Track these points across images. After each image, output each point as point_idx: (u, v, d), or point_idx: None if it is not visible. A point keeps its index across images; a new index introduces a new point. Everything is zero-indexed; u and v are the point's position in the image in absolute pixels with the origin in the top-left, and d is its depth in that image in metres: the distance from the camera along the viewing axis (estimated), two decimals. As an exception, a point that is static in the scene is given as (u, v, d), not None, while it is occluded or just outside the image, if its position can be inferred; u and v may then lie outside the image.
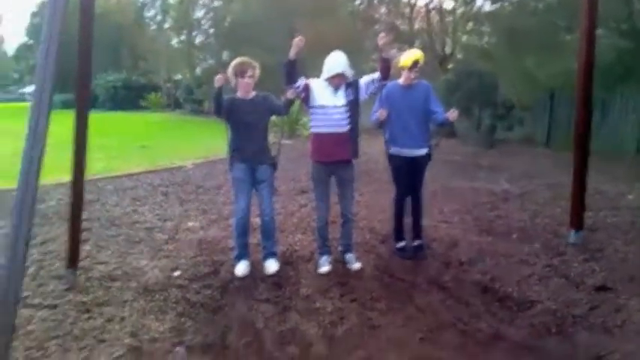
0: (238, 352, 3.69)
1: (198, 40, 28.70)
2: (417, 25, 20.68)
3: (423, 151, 5.48)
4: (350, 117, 5.01)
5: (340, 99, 5.00)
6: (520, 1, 13.98)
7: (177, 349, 3.67)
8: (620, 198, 8.38)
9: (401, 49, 21.26)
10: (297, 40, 4.73)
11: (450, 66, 19.39)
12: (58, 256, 5.27)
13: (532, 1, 13.53)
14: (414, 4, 20.21)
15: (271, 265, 5.13)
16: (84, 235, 5.40)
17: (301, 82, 5.01)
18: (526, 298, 4.59)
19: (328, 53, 5.06)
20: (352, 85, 5.05)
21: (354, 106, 5.04)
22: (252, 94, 5.11)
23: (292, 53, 4.78)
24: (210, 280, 4.93)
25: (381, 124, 5.40)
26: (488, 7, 17.11)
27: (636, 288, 4.75)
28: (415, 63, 5.32)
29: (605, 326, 4.07)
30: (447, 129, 16.56)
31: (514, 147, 15.44)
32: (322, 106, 5.01)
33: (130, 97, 29.42)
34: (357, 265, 5.20)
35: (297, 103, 6.10)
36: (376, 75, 5.08)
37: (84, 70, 4.76)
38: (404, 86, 5.45)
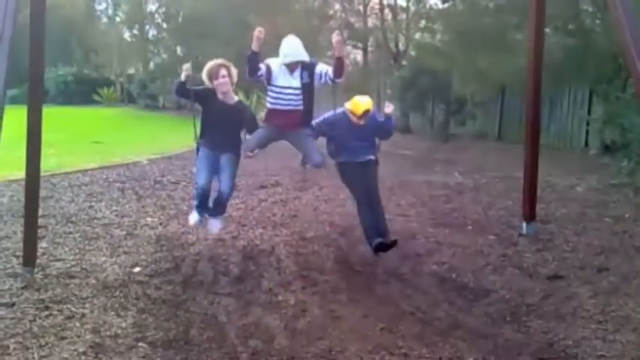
0: (201, 346, 3.70)
1: (151, 34, 28.23)
2: (370, 23, 20.83)
3: (371, 157, 5.58)
4: (304, 99, 5.34)
5: (296, 80, 5.31)
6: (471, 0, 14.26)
7: None
8: (570, 190, 8.68)
9: (355, 47, 21.50)
10: (258, 33, 5.02)
11: (403, 63, 19.64)
12: (13, 254, 5.15)
13: (483, 1, 13.84)
14: (368, 2, 20.35)
15: (215, 224, 5.43)
16: (40, 233, 5.29)
17: (262, 68, 5.24)
18: (482, 287, 4.75)
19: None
20: (308, 69, 5.34)
21: (308, 89, 5.35)
22: (235, 99, 5.38)
23: (255, 45, 5.07)
24: (170, 275, 4.92)
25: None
26: (440, 5, 17.40)
27: (587, 276, 4.97)
28: (365, 113, 5.37)
29: (558, 314, 4.24)
30: (403, 123, 16.81)
31: (467, 141, 15.77)
32: (279, 86, 5.32)
33: (82, 92, 28.65)
34: None
35: (255, 96, 6.56)
36: (330, 71, 5.31)
37: (36, 65, 4.65)
38: (353, 124, 5.50)
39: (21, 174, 5.36)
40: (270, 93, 5.42)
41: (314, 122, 5.56)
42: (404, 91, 16.96)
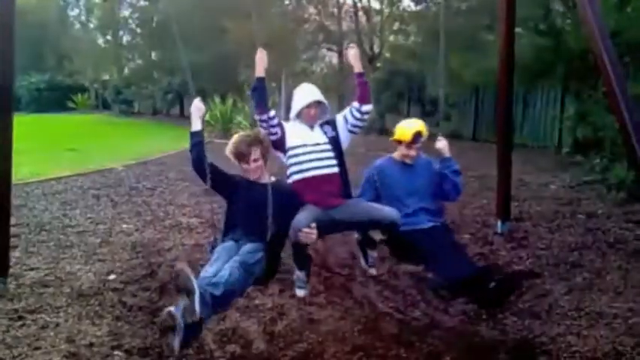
0: (178, 353, 3.68)
1: (125, 39, 28.04)
2: (345, 26, 20.93)
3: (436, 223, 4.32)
4: (336, 157, 4.08)
5: (319, 136, 4.12)
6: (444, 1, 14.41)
7: None
8: (544, 188, 8.79)
9: (330, 49, 21.56)
10: (260, 55, 4.06)
11: (378, 64, 19.76)
12: (-15, 264, 5.07)
13: (455, 2, 13.98)
14: (343, 4, 20.45)
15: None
16: (13, 241, 5.21)
17: (275, 120, 4.06)
18: (458, 286, 4.78)
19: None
20: (328, 123, 4.21)
21: (336, 145, 4.12)
22: (266, 177, 3.99)
23: (259, 70, 4.05)
24: (146, 282, 4.88)
25: None
26: (413, 7, 17.55)
27: (561, 273, 5.03)
28: (417, 136, 4.28)
29: (533, 311, 4.29)
30: (378, 125, 16.90)
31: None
32: (303, 145, 4.05)
33: (55, 99, 28.34)
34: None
35: (230, 101, 6.04)
36: (354, 104, 4.18)
37: (6, 72, 4.58)
38: (401, 163, 4.42)
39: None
40: (292, 159, 4.06)
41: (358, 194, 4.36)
42: (379, 93, 17.05)
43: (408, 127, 4.31)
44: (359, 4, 20.25)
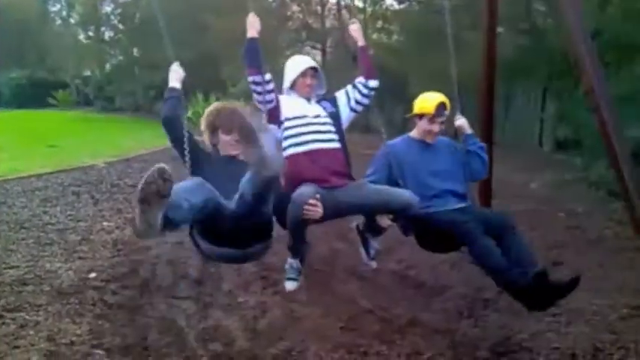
0: (160, 351, 3.67)
1: (107, 35, 27.76)
2: (328, 23, 20.92)
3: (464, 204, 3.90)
4: (338, 132, 3.72)
5: (318, 108, 3.76)
6: (427, 0, 14.46)
7: None
8: (524, 187, 8.87)
9: (314, 47, 21.55)
10: (252, 19, 3.62)
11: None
12: (-37, 262, 5.01)
13: (438, 0, 14.02)
14: (326, 2, 20.44)
15: None
16: (-9, 239, 5.17)
17: (272, 85, 3.61)
18: (439, 284, 4.82)
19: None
20: (327, 99, 3.89)
21: (337, 121, 3.78)
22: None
23: (251, 32, 3.59)
24: (128, 280, 4.85)
25: None
26: (396, 6, 17.57)
27: (541, 270, 5.07)
28: (441, 108, 3.88)
29: (513, 308, 4.28)
30: (362, 123, 16.91)
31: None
32: (303, 116, 3.66)
33: (36, 95, 27.93)
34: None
35: (214, 99, 5.86)
36: (359, 79, 3.92)
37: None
38: (421, 143, 4.05)
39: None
40: (289, 131, 3.62)
41: (368, 172, 3.94)
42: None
43: (431, 97, 3.90)
44: (342, 2, 20.26)
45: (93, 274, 4.95)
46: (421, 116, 3.94)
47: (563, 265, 5.16)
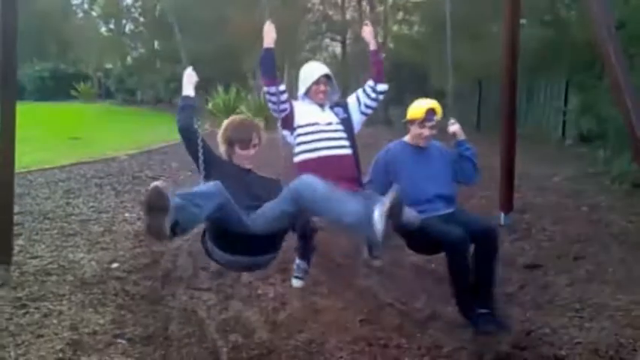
0: (181, 342, 3.70)
1: (128, 28, 27.95)
2: (348, 15, 20.80)
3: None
4: (349, 139, 3.94)
5: (332, 116, 3.97)
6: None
7: None
8: (547, 180, 8.76)
9: (333, 40, 21.46)
10: (269, 28, 3.80)
11: (382, 55, 19.64)
12: (-12, 252, 5.08)
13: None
14: (346, -6, 20.34)
15: None
16: (16, 230, 5.23)
17: (286, 95, 3.88)
18: (460, 277, 4.77)
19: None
20: (339, 105, 4.10)
21: (349, 127, 3.98)
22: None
23: (267, 42, 3.80)
24: (149, 271, 4.90)
25: None
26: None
27: (563, 265, 5.01)
28: (430, 113, 4.06)
29: (535, 302, 4.28)
30: (383, 116, 16.86)
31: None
32: (315, 123, 3.89)
33: (59, 87, 28.30)
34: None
35: (234, 90, 5.90)
36: (368, 83, 4.12)
37: (9, 60, 4.58)
38: (415, 147, 4.23)
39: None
40: (301, 138, 3.90)
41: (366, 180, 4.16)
42: (383, 84, 16.95)
43: (420, 104, 4.08)
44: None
45: (115, 265, 5.01)
46: (412, 121, 4.14)
47: (586, 259, 5.10)
